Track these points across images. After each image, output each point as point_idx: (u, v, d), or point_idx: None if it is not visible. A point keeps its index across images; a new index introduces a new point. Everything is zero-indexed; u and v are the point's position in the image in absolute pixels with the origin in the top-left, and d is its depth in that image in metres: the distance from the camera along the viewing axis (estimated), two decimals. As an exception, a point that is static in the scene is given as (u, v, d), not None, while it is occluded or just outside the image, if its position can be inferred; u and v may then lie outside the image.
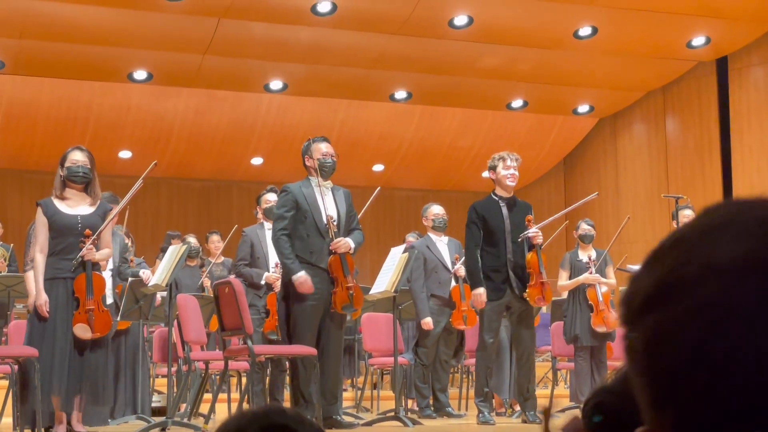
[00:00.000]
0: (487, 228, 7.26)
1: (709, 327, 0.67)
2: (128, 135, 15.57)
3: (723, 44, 14.77)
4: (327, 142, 7.11)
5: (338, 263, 6.74)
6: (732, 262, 0.68)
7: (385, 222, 17.69)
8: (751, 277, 0.67)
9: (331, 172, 7.01)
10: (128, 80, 14.44)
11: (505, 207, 7.34)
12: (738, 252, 0.68)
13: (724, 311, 0.67)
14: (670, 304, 0.69)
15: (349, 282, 6.72)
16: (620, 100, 16.41)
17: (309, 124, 15.62)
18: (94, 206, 6.35)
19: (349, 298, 6.71)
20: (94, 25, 12.64)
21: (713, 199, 7.25)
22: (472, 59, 14.31)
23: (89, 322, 6.10)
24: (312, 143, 7.04)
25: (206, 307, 8.47)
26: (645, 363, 0.71)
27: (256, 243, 8.55)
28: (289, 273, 6.71)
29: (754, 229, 0.69)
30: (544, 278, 7.26)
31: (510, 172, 7.36)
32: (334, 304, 6.70)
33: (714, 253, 0.69)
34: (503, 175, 7.35)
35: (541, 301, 7.34)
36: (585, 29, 13.72)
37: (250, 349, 6.47)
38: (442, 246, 8.83)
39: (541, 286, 7.25)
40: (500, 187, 7.40)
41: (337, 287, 6.73)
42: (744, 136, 14.98)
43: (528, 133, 16.56)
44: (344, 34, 13.41)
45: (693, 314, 0.68)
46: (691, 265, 0.69)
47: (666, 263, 0.71)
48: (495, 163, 7.44)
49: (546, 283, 7.28)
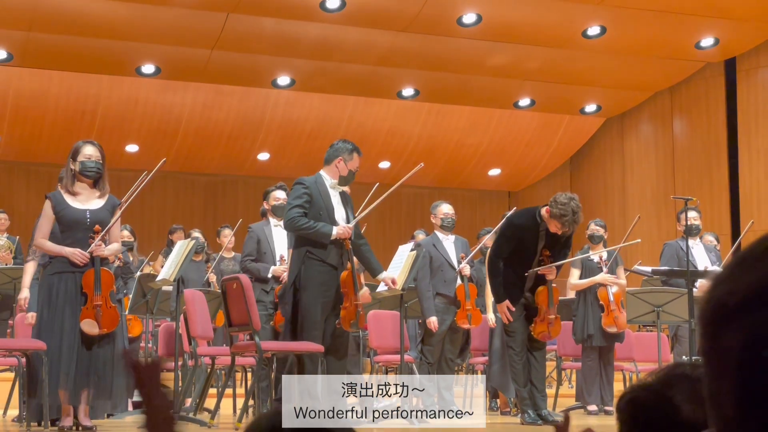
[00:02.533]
0: (519, 247, 7.25)
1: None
2: (136, 129, 15.59)
3: (731, 45, 14.74)
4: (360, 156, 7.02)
5: (350, 279, 6.66)
6: None
7: (391, 219, 17.69)
8: None
9: (348, 183, 6.99)
10: (136, 74, 14.45)
11: (545, 235, 7.28)
12: None
13: None
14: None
15: (359, 300, 6.67)
16: (628, 100, 16.39)
17: (316, 120, 15.64)
18: (103, 201, 6.34)
19: (357, 316, 6.67)
20: (102, 18, 12.65)
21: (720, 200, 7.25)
22: (480, 57, 14.31)
23: (96, 317, 6.10)
24: (355, 151, 6.88)
25: (212, 302, 8.48)
26: (738, 362, 0.72)
27: (262, 239, 8.56)
28: (321, 235, 6.60)
29: None
30: (552, 314, 7.29)
31: (562, 229, 7.18)
32: (342, 320, 6.64)
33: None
34: (557, 225, 7.17)
35: (547, 336, 7.36)
36: (593, 29, 13.71)
37: (258, 345, 6.47)
38: (449, 244, 8.82)
39: (548, 322, 7.29)
40: (547, 224, 7.26)
41: (347, 303, 6.65)
42: (751, 137, 14.95)
43: (535, 131, 16.55)
44: (353, 31, 13.41)
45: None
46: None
47: (761, 269, 0.72)
48: (559, 214, 7.11)
49: (554, 319, 7.31)
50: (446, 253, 8.73)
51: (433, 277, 8.61)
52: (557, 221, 7.19)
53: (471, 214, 17.25)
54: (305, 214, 6.68)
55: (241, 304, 6.55)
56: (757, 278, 0.73)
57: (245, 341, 7.40)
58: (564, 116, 16.68)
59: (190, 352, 8.00)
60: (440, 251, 8.72)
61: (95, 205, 6.31)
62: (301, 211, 6.66)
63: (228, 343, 7.41)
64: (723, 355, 0.74)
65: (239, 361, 7.50)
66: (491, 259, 7.32)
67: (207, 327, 7.86)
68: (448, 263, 8.68)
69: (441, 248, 8.75)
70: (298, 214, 6.65)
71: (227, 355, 7.15)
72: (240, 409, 7.40)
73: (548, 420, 7.27)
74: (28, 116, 14.94)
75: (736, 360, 0.72)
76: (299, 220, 6.64)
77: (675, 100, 16.00)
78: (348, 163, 6.87)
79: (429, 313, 8.50)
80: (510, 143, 16.72)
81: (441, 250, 8.73)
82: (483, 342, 9.02)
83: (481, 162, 17.50)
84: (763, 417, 0.71)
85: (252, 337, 6.62)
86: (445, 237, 8.85)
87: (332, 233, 6.61)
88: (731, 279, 0.74)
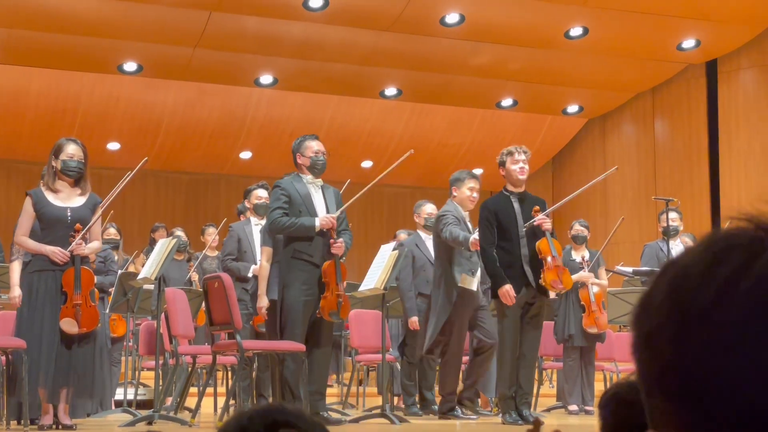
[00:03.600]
0: (500, 225, 7.11)
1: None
2: (117, 127, 15.53)
3: (713, 47, 14.82)
4: (317, 140, 7.12)
5: (333, 269, 6.70)
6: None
7: (373, 218, 17.70)
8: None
9: (322, 170, 7.02)
10: (118, 72, 14.40)
11: (517, 202, 7.20)
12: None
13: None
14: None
15: (340, 290, 6.69)
16: (610, 101, 16.45)
17: (299, 119, 15.61)
18: (84, 198, 6.32)
19: (338, 306, 6.69)
20: (84, 15, 12.60)
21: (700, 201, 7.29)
22: (462, 57, 14.32)
23: (76, 316, 6.07)
24: (303, 141, 7.04)
25: (193, 301, 8.46)
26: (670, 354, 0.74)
27: (243, 238, 8.56)
28: (305, 229, 6.65)
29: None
30: (558, 262, 7.03)
31: (519, 165, 7.21)
32: (322, 309, 6.67)
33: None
34: (513, 169, 7.21)
35: (558, 284, 7.01)
36: (576, 29, 13.75)
37: (239, 344, 6.47)
38: (431, 244, 8.83)
39: (556, 269, 7.00)
40: (510, 182, 7.26)
41: (327, 293, 6.69)
42: (732, 139, 15.03)
43: (517, 132, 16.58)
44: (336, 30, 13.40)
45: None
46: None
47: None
48: (503, 158, 7.29)
49: (561, 266, 7.06)
50: (429, 253, 8.73)
51: (415, 276, 8.62)
52: (509, 161, 7.21)
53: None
54: (286, 215, 6.73)
55: (223, 303, 6.55)
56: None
57: (226, 340, 7.39)
58: (546, 116, 16.72)
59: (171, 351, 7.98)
60: (423, 251, 8.72)
61: (76, 203, 6.29)
62: (281, 212, 6.73)
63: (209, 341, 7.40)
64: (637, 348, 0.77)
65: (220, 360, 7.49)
66: (482, 248, 7.16)
67: (188, 326, 7.85)
68: (430, 263, 8.69)
69: (423, 248, 8.76)
70: (279, 215, 6.72)
71: (208, 354, 7.14)
72: (221, 408, 7.38)
73: (529, 421, 7.27)
74: (8, 113, 14.85)
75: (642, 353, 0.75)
76: (280, 221, 6.70)
77: (656, 102, 16.07)
78: (304, 152, 6.98)
79: (411, 313, 8.51)
80: (492, 143, 16.74)
81: (423, 250, 8.73)
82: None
83: (464, 162, 17.51)
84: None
85: (233, 336, 6.61)
86: (427, 237, 8.85)
87: (315, 225, 6.66)
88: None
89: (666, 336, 0.73)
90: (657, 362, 0.73)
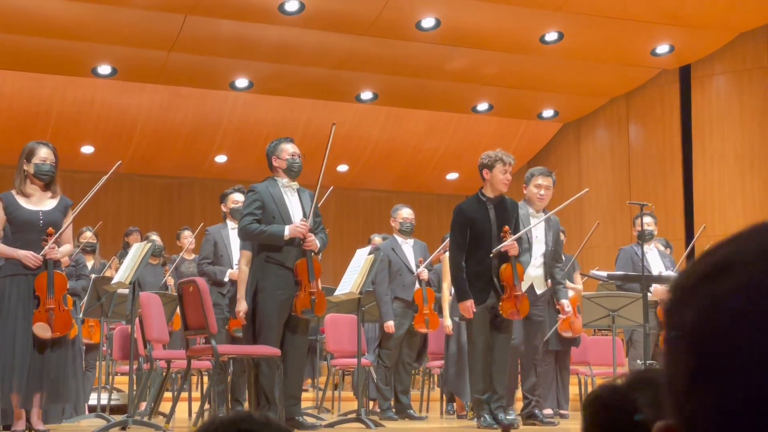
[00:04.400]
0: (474, 232, 7.02)
1: (756, 300, 0.69)
2: (91, 130, 15.44)
3: (686, 52, 14.92)
4: (293, 143, 7.12)
5: (305, 267, 6.71)
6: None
7: (348, 222, 17.68)
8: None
9: (299, 173, 7.02)
10: (92, 75, 14.32)
11: (493, 209, 7.11)
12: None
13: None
14: (724, 279, 0.71)
15: (313, 287, 6.68)
16: (584, 106, 16.52)
17: (274, 123, 15.58)
18: (55, 201, 6.29)
19: (311, 303, 6.68)
20: (58, 18, 12.52)
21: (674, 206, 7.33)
22: (438, 62, 14.35)
23: (49, 321, 6.03)
24: (279, 144, 7.03)
25: (168, 305, 8.42)
26: (691, 339, 0.72)
27: (219, 241, 8.55)
28: (274, 238, 6.62)
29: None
30: (518, 291, 6.99)
31: (507, 176, 7.14)
32: (294, 307, 6.67)
33: (765, 241, 0.72)
34: (500, 178, 7.11)
35: (515, 315, 7.03)
36: (551, 35, 13.80)
37: (214, 349, 6.44)
38: (407, 248, 8.83)
39: (515, 300, 6.98)
40: (491, 188, 7.16)
41: (300, 291, 6.69)
42: (705, 144, 15.13)
43: (493, 136, 16.61)
44: (311, 34, 13.38)
45: (743, 288, 0.70)
46: (745, 251, 0.72)
47: (720, 253, 0.73)
48: (491, 162, 7.14)
49: (521, 296, 7.02)
50: (405, 257, 8.74)
51: (391, 281, 8.61)
52: (498, 168, 7.08)
53: (428, 218, 17.26)
54: (258, 221, 6.72)
55: (198, 308, 6.52)
56: (712, 260, 0.73)
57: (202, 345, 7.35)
58: (522, 121, 16.78)
59: (146, 356, 7.94)
60: (399, 255, 8.73)
61: (47, 206, 6.25)
62: (252, 218, 6.73)
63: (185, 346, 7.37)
64: (678, 338, 0.74)
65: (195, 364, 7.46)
66: (452, 253, 7.11)
67: (163, 330, 7.81)
68: (406, 267, 8.69)
69: (400, 252, 8.76)
70: (248, 222, 6.72)
71: (183, 358, 7.10)
72: (195, 413, 7.35)
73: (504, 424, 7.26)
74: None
75: (689, 337, 0.72)
76: (250, 227, 6.70)
77: (631, 106, 16.15)
78: (280, 155, 6.97)
79: (387, 317, 8.51)
80: (468, 147, 16.77)
81: (400, 254, 8.73)
82: (440, 346, 9.01)
83: (439, 166, 17.54)
84: (713, 396, 0.71)
85: (208, 340, 6.58)
86: (404, 241, 8.85)
87: (285, 233, 6.64)
88: (691, 266, 0.76)
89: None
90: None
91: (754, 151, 14.68)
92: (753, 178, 14.65)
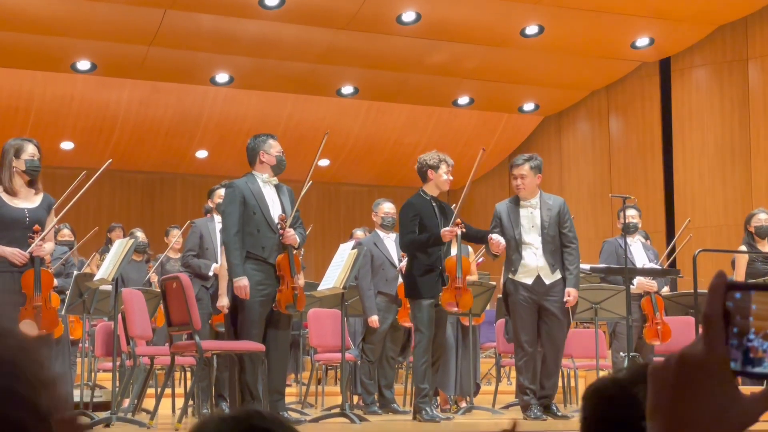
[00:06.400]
0: (422, 225, 7.12)
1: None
2: (71, 126, 15.35)
3: (666, 45, 14.97)
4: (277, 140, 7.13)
5: (286, 262, 6.71)
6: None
7: (330, 217, 17.67)
8: None
9: (283, 170, 7.01)
10: (71, 70, 14.24)
11: (437, 207, 7.28)
12: None
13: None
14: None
15: (295, 282, 6.70)
16: (565, 99, 16.55)
17: (255, 117, 15.54)
18: (39, 198, 6.25)
19: (294, 299, 6.68)
20: (37, 13, 12.44)
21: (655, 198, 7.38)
22: (419, 55, 14.34)
23: (36, 318, 6.00)
24: (268, 139, 6.99)
25: (151, 301, 8.39)
26: None
27: (205, 234, 8.54)
28: (231, 273, 6.67)
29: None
30: (459, 284, 6.97)
31: (450, 177, 7.33)
32: (278, 303, 6.68)
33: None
34: (444, 179, 7.28)
35: (453, 306, 6.97)
36: (531, 28, 13.82)
37: (198, 345, 6.42)
38: (390, 243, 8.84)
39: (455, 291, 6.96)
40: (434, 188, 7.31)
41: (282, 286, 6.70)
42: (685, 136, 15.20)
43: (474, 130, 16.63)
44: (292, 28, 13.35)
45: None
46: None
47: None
48: (437, 163, 7.30)
49: (462, 288, 6.99)
50: (387, 252, 8.74)
51: (374, 275, 8.62)
52: (443, 170, 7.21)
53: (410, 212, 17.29)
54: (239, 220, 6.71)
55: (181, 304, 6.50)
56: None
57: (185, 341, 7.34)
58: (502, 114, 16.79)
59: (129, 352, 7.91)
60: (381, 250, 8.73)
61: (32, 203, 6.22)
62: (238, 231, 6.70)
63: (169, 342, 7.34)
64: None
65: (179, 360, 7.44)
66: (403, 243, 7.24)
67: (145, 326, 7.78)
68: (389, 262, 8.70)
69: (382, 246, 8.76)
70: (236, 234, 6.70)
71: (166, 354, 7.08)
72: (179, 410, 7.33)
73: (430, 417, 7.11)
74: (-41, 113, 14.63)
75: None
76: (233, 245, 6.67)
77: (611, 99, 16.20)
78: (270, 151, 6.96)
79: (370, 312, 8.51)
80: (449, 141, 16.77)
81: (382, 249, 8.74)
82: (423, 340, 9.01)
83: (420, 160, 17.53)
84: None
85: (192, 336, 6.57)
86: (386, 235, 8.86)
87: (239, 281, 6.59)
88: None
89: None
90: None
91: (734, 143, 14.75)
92: (733, 170, 14.71)
